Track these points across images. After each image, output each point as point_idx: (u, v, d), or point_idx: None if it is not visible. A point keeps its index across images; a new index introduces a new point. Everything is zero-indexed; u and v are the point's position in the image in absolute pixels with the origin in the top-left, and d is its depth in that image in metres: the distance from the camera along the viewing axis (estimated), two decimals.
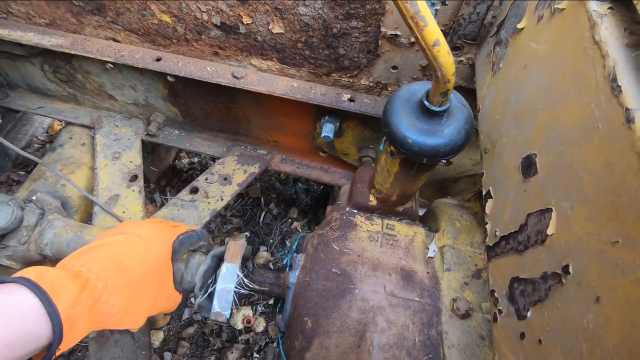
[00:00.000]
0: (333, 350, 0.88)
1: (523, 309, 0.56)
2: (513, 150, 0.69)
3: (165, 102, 1.51)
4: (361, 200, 1.05)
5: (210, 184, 1.51)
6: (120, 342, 1.15)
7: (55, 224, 0.97)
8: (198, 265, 0.92)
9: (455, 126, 0.71)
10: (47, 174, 1.48)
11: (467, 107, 0.75)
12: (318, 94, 1.24)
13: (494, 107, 0.83)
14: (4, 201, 0.92)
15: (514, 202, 0.65)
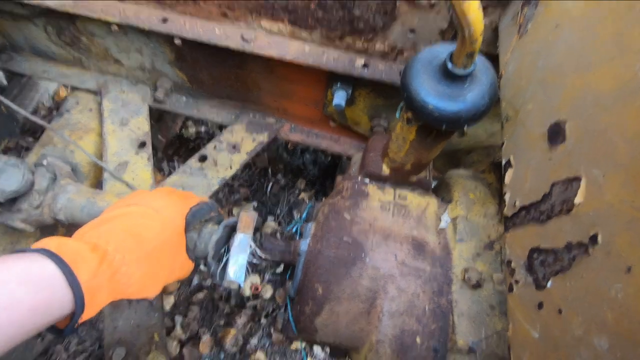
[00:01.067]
0: (343, 316, 0.89)
1: (542, 279, 0.55)
2: (538, 117, 0.66)
3: (172, 67, 1.46)
4: (373, 169, 1.03)
5: (219, 152, 1.50)
6: (134, 304, 1.18)
7: (68, 189, 0.97)
8: (210, 235, 0.93)
9: (478, 91, 0.67)
10: (55, 140, 1.47)
11: (492, 71, 0.71)
12: (330, 59, 1.19)
13: (518, 72, 0.78)
14: (14, 164, 0.91)
15: (537, 171, 0.62)
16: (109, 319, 1.15)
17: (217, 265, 0.93)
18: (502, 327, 0.85)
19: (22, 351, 1.08)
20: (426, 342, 0.86)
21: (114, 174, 1.34)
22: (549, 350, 0.50)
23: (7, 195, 0.90)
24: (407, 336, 0.86)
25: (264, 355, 2.23)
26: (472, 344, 0.84)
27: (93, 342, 2.07)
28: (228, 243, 0.95)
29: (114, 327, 1.14)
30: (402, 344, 0.86)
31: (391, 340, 0.86)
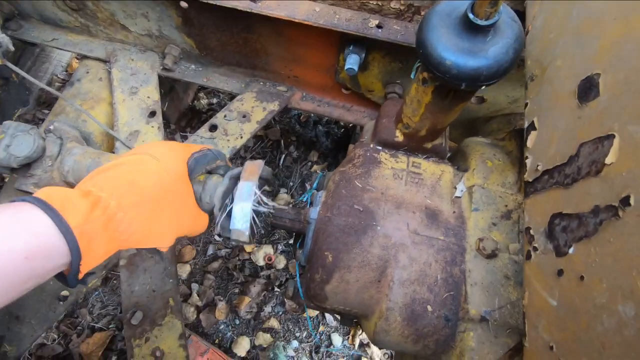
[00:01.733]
0: (353, 283, 0.89)
1: (564, 245, 0.52)
2: (569, 72, 0.60)
3: (180, 33, 1.42)
4: (386, 135, 0.99)
5: (229, 122, 1.47)
6: (149, 270, 1.21)
7: (74, 151, 0.97)
8: (216, 187, 0.88)
9: (502, 44, 0.62)
10: (67, 109, 1.47)
11: (518, 23, 0.64)
12: (343, 20, 1.13)
13: (547, 25, 0.71)
14: (24, 130, 0.91)
15: (564, 131, 0.57)
16: (125, 284, 1.18)
17: (222, 217, 0.87)
18: (516, 297, 0.82)
19: (45, 312, 1.13)
20: (437, 311, 0.84)
21: (126, 143, 1.34)
22: (568, 317, 0.47)
23: (20, 161, 0.90)
24: (418, 304, 0.85)
25: (277, 322, 2.29)
26: (485, 313, 0.82)
27: (115, 307, 2.17)
28: (232, 193, 0.88)
29: (130, 292, 1.17)
30: (413, 312, 0.85)
31: (401, 308, 0.85)
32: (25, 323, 1.12)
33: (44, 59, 2.42)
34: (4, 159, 0.89)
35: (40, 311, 1.14)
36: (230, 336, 2.20)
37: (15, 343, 1.09)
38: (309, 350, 2.26)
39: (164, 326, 1.16)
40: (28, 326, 1.12)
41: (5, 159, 0.89)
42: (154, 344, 1.13)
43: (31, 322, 1.12)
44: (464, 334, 0.83)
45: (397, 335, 0.86)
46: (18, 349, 1.10)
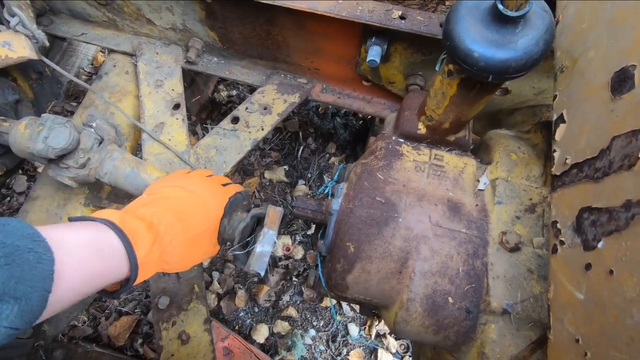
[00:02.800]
0: (374, 274, 0.90)
1: (593, 239, 0.51)
2: (602, 64, 0.59)
3: (203, 26, 1.44)
4: (409, 128, 0.99)
5: (250, 114, 1.50)
6: None
7: (115, 155, 1.02)
8: (239, 222, 1.01)
9: (532, 36, 0.61)
10: (96, 102, 1.52)
11: (549, 13, 0.63)
12: (365, 11, 1.12)
13: (580, 15, 0.70)
14: (61, 122, 0.96)
15: (595, 124, 0.56)
16: None
17: (240, 251, 1.03)
18: (539, 291, 0.82)
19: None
20: (458, 303, 0.85)
21: (153, 135, 1.38)
22: (596, 312, 0.47)
23: (57, 153, 0.95)
24: (439, 296, 0.86)
25: (295, 311, 2.34)
26: (507, 306, 0.82)
27: (140, 292, 2.26)
28: (254, 232, 1.06)
29: (158, 277, 1.23)
30: (434, 303, 0.86)
31: (422, 299, 0.86)
32: None
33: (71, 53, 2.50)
34: (43, 150, 0.94)
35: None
36: (249, 323, 2.27)
37: (53, 323, 1.17)
38: (325, 339, 2.30)
39: (189, 311, 1.20)
40: None
41: (43, 150, 0.94)
42: (180, 328, 1.18)
43: None
44: (485, 326, 0.84)
45: (418, 325, 0.88)
46: (55, 328, 1.17)
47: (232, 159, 1.42)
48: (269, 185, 2.61)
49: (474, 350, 0.85)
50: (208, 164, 1.40)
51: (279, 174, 2.63)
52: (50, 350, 1.10)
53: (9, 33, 0.99)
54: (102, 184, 1.41)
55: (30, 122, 1.00)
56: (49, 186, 1.40)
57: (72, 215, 1.39)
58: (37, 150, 0.94)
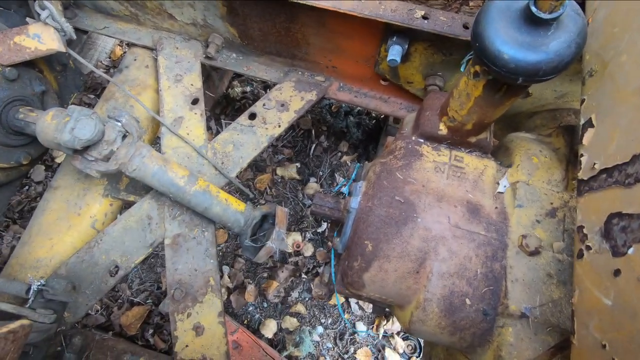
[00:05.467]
0: (392, 273, 0.91)
1: (623, 245, 0.51)
2: (635, 68, 0.58)
3: (224, 22, 1.45)
4: (429, 128, 0.99)
5: (267, 110, 1.51)
6: (191, 250, 1.27)
7: (143, 152, 1.05)
8: (252, 219, 1.23)
9: (565, 39, 0.60)
10: (117, 95, 1.55)
11: (582, 17, 0.62)
12: (388, 11, 1.12)
13: (611, 18, 0.69)
14: (87, 114, 0.98)
15: (627, 130, 0.56)
16: (170, 262, 1.25)
17: (251, 244, 1.23)
18: (559, 296, 0.82)
19: (98, 284, 1.22)
20: (476, 305, 0.85)
21: (172, 129, 1.40)
22: (625, 318, 0.47)
23: (83, 143, 0.97)
24: (456, 297, 0.86)
25: (304, 308, 2.35)
26: (525, 309, 0.82)
27: (152, 283, 2.30)
28: (262, 227, 1.28)
29: (174, 269, 1.24)
30: (451, 304, 0.86)
31: (439, 300, 0.87)
32: (81, 293, 1.21)
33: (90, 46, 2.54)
34: (69, 140, 0.96)
35: (94, 283, 1.23)
36: (258, 318, 2.29)
37: (72, 310, 1.19)
38: (333, 337, 2.31)
39: (204, 303, 1.22)
40: (83, 296, 1.22)
41: (70, 141, 0.96)
42: (195, 319, 1.20)
43: (86, 293, 1.22)
44: (502, 329, 0.84)
45: (434, 326, 0.88)
46: (75, 315, 1.20)
47: (248, 154, 1.44)
48: (281, 182, 2.63)
49: (490, 353, 0.85)
50: (225, 159, 1.42)
51: (291, 171, 2.64)
52: (70, 337, 1.13)
53: (39, 25, 1.02)
54: (121, 175, 1.44)
55: (57, 113, 1.02)
56: (69, 177, 1.43)
57: (91, 205, 1.42)
58: (63, 140, 0.96)
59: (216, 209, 1.18)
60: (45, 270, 1.27)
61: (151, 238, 1.29)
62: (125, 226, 1.31)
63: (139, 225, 1.31)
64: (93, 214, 1.41)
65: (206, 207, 1.17)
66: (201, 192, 1.16)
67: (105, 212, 1.44)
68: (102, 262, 1.25)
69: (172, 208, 1.31)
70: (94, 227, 1.41)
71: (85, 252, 1.26)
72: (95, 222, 1.41)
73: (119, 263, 1.26)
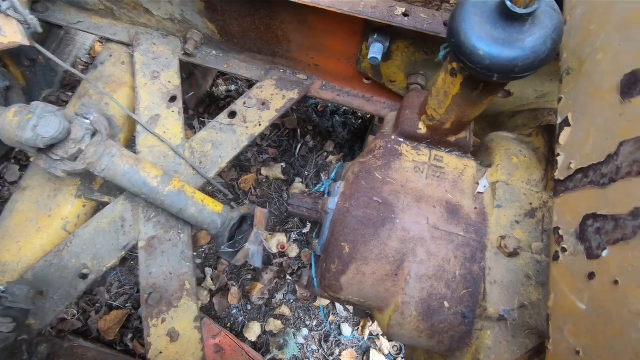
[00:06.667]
0: (369, 276, 0.88)
1: (597, 247, 0.49)
2: (611, 67, 0.57)
3: (202, 18, 1.41)
4: (409, 127, 0.97)
5: (248, 109, 1.47)
6: (167, 252, 1.23)
7: (113, 151, 1.00)
8: (230, 221, 1.18)
9: (540, 35, 0.59)
10: (91, 92, 1.49)
11: (558, 12, 0.61)
12: (368, 7, 1.10)
13: (588, 16, 0.68)
14: (51, 111, 0.93)
15: (603, 129, 0.55)
16: (144, 265, 1.21)
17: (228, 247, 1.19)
18: (537, 298, 0.80)
19: (67, 289, 1.17)
20: (454, 307, 0.83)
21: (147, 127, 1.36)
22: (599, 322, 0.45)
23: (46, 142, 0.92)
24: (435, 300, 0.84)
25: (289, 309, 2.32)
26: (504, 312, 0.81)
27: (132, 286, 2.23)
28: (241, 229, 1.25)
29: (148, 273, 1.20)
30: (429, 307, 0.84)
31: (418, 303, 0.85)
32: (49, 299, 1.16)
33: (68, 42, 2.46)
34: (31, 138, 0.91)
35: (63, 288, 1.17)
36: (242, 321, 2.24)
37: (39, 317, 1.14)
38: (318, 339, 2.28)
39: (179, 308, 1.18)
40: (51, 301, 1.16)
41: (32, 139, 0.91)
42: (170, 325, 1.16)
43: (54, 298, 1.16)
44: (480, 332, 0.82)
45: (412, 329, 0.86)
46: (41, 322, 1.14)
47: (228, 154, 1.40)
48: (266, 182, 2.59)
49: (469, 357, 0.83)
50: (203, 159, 1.37)
51: (276, 171, 2.60)
52: (35, 345, 1.07)
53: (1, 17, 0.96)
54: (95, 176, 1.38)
55: (19, 110, 0.97)
56: (39, 176, 1.36)
57: (62, 206, 1.36)
58: (25, 138, 0.91)
59: (191, 210, 1.14)
60: (12, 274, 1.21)
61: (124, 241, 1.24)
62: (97, 228, 1.26)
63: (112, 227, 1.26)
64: (64, 215, 1.35)
65: (181, 208, 1.13)
66: (175, 192, 1.12)
67: (77, 214, 1.38)
68: (71, 266, 1.20)
69: (147, 209, 1.26)
70: (66, 229, 1.35)
71: (54, 256, 1.20)
72: (67, 224, 1.35)
73: (90, 267, 1.21)
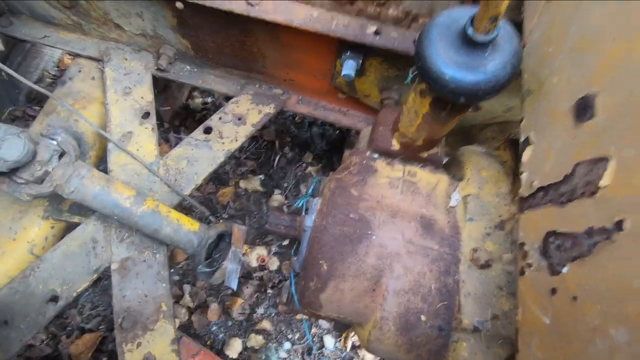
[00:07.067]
0: (348, 293, 0.89)
1: (558, 264, 0.52)
2: (565, 90, 0.60)
3: (175, 34, 1.40)
4: (383, 144, 0.99)
5: (224, 124, 1.46)
6: (141, 274, 1.19)
7: (82, 172, 0.97)
8: (207, 240, 1.15)
9: (500, 60, 0.62)
10: (59, 108, 1.44)
11: (517, 38, 0.64)
12: (340, 26, 1.12)
13: (546, 39, 0.72)
14: (14, 133, 0.89)
15: (560, 150, 0.58)
16: (117, 288, 1.16)
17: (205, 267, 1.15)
18: (509, 308, 0.83)
19: (34, 317, 1.11)
20: (431, 321, 0.85)
21: (119, 145, 1.32)
22: (561, 338, 0.47)
23: (9, 165, 0.88)
24: (412, 314, 0.85)
25: (270, 324, 2.29)
26: (477, 323, 0.83)
27: (106, 307, 2.14)
28: (218, 247, 1.21)
29: (122, 296, 1.16)
30: (407, 322, 0.85)
31: (395, 318, 0.86)
32: (14, 328, 1.10)
33: (35, 55, 2.38)
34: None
35: (30, 315, 1.12)
36: (222, 338, 2.20)
37: (3, 347, 1.08)
38: (301, 352, 2.26)
39: (156, 331, 1.14)
40: (17, 330, 1.10)
41: None
42: (146, 349, 1.12)
43: (20, 327, 1.10)
44: (457, 344, 0.84)
45: (391, 344, 0.87)
46: (6, 353, 1.08)
47: (203, 170, 1.38)
48: (244, 194, 2.56)
49: None
50: (178, 176, 1.35)
51: (255, 183, 2.59)
52: None
53: None
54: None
55: None
56: (2, 198, 1.30)
57: (29, 229, 1.30)
58: None
59: (166, 230, 1.12)
60: None
61: (96, 263, 1.20)
62: (66, 251, 1.21)
63: (82, 249, 1.21)
64: (31, 238, 1.29)
65: (155, 228, 1.11)
66: (149, 212, 1.09)
67: (45, 236, 1.32)
68: (39, 292, 1.14)
69: (120, 230, 1.22)
70: (33, 252, 1.29)
71: (19, 282, 1.15)
72: (33, 248, 1.29)
73: (59, 292, 1.15)
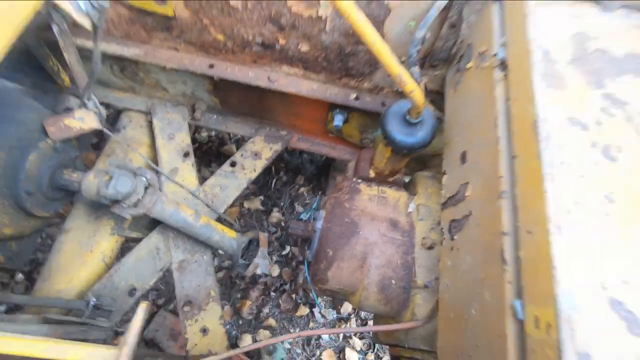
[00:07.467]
0: (345, 269, 1.39)
1: (453, 235, 1.05)
2: (457, 146, 1.16)
3: (209, 94, 1.91)
4: (364, 173, 1.52)
5: (245, 159, 1.96)
6: (194, 271, 1.65)
7: (162, 199, 1.44)
8: (242, 244, 1.66)
9: (425, 131, 1.17)
10: (117, 151, 1.90)
11: (434, 118, 1.20)
12: (332, 93, 1.67)
13: (452, 115, 1.28)
14: (125, 174, 1.36)
15: (456, 178, 1.12)
16: (178, 282, 1.61)
17: (243, 262, 1.65)
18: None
19: (120, 304, 1.54)
20: (398, 283, 1.36)
21: (170, 177, 1.79)
22: (456, 272, 1.00)
23: (123, 196, 1.35)
24: (386, 280, 1.36)
25: (275, 321, 2.73)
26: (427, 283, 1.35)
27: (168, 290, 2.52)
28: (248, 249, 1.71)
29: (182, 287, 1.61)
30: (383, 285, 1.36)
31: (376, 283, 1.36)
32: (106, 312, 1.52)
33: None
34: (113, 194, 1.33)
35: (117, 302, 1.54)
36: (235, 334, 2.61)
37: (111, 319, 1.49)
38: (301, 343, 2.70)
39: (207, 311, 1.59)
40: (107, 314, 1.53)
41: (113, 195, 1.33)
42: (201, 324, 1.57)
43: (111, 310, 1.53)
44: (414, 297, 1.35)
45: (374, 300, 1.37)
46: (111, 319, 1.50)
47: (232, 194, 1.87)
48: (248, 213, 3.03)
49: (408, 314, 1.36)
50: (214, 198, 1.83)
51: (256, 203, 3.06)
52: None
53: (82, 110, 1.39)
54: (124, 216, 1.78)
55: (97, 174, 1.39)
56: (80, 220, 1.74)
57: (101, 243, 1.73)
58: (108, 194, 1.33)
59: (216, 238, 1.59)
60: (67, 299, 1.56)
61: (160, 264, 1.65)
62: (138, 257, 1.65)
63: (150, 255, 1.66)
64: (102, 250, 1.72)
65: (209, 236, 1.58)
66: (205, 225, 1.57)
67: (112, 248, 1.76)
68: (121, 286, 1.58)
69: (176, 239, 1.68)
70: (104, 261, 1.72)
71: (107, 279, 1.58)
72: (104, 257, 1.72)
73: (136, 286, 1.59)
